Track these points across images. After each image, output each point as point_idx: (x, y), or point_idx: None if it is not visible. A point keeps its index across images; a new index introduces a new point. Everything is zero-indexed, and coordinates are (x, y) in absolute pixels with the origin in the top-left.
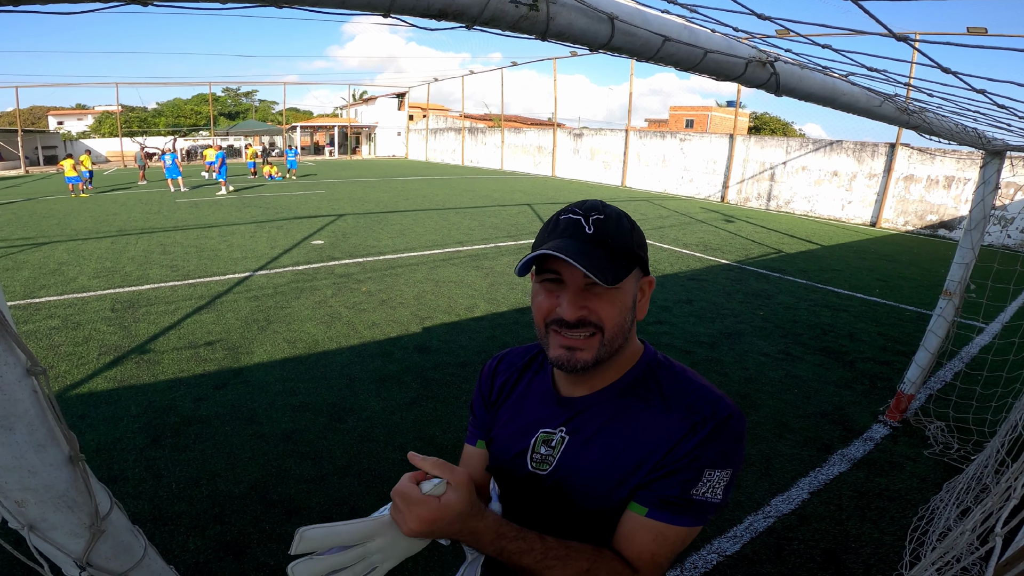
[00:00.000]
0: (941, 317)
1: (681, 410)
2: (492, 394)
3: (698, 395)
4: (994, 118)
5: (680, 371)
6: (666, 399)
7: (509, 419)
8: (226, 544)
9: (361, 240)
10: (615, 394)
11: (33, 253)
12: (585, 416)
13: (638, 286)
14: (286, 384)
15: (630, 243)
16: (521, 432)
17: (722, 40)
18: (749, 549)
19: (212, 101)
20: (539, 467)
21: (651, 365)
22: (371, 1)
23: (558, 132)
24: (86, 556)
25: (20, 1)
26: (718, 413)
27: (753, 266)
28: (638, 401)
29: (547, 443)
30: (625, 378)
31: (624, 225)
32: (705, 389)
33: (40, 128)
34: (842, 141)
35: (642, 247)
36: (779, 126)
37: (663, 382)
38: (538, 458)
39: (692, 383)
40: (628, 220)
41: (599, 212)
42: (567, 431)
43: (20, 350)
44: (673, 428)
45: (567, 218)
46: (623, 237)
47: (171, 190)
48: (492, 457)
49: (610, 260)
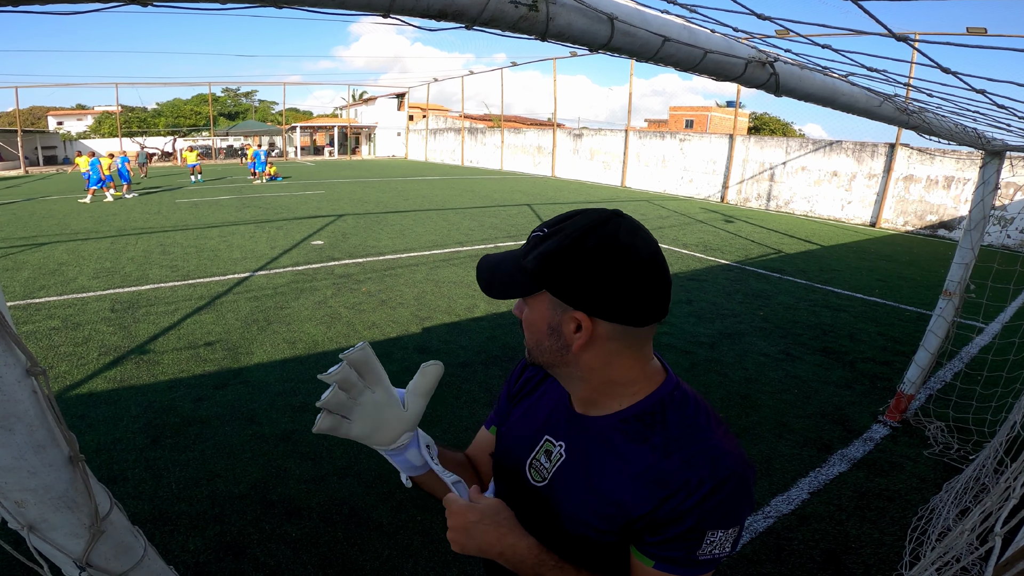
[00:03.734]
0: (941, 317)
1: (679, 461)
2: (515, 386)
3: (701, 447)
4: (994, 118)
5: (693, 414)
6: (668, 443)
7: (522, 416)
8: (226, 544)
9: (361, 240)
10: (617, 424)
11: (33, 253)
12: (585, 439)
13: (560, 315)
14: (286, 384)
15: (537, 266)
16: (529, 434)
17: (722, 40)
18: (749, 549)
19: (212, 101)
20: (534, 476)
21: (663, 401)
22: (371, 1)
23: (558, 132)
24: (86, 556)
25: (20, 1)
26: (717, 473)
27: (753, 266)
28: (638, 438)
29: (547, 454)
30: (631, 409)
31: (549, 246)
32: (711, 441)
33: (40, 128)
34: (841, 141)
35: (565, 274)
36: (779, 126)
37: (671, 423)
38: (536, 466)
39: (700, 432)
40: (560, 244)
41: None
42: (566, 448)
43: (20, 350)
44: (670, 480)
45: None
46: (536, 259)
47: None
48: (497, 449)
49: (511, 277)
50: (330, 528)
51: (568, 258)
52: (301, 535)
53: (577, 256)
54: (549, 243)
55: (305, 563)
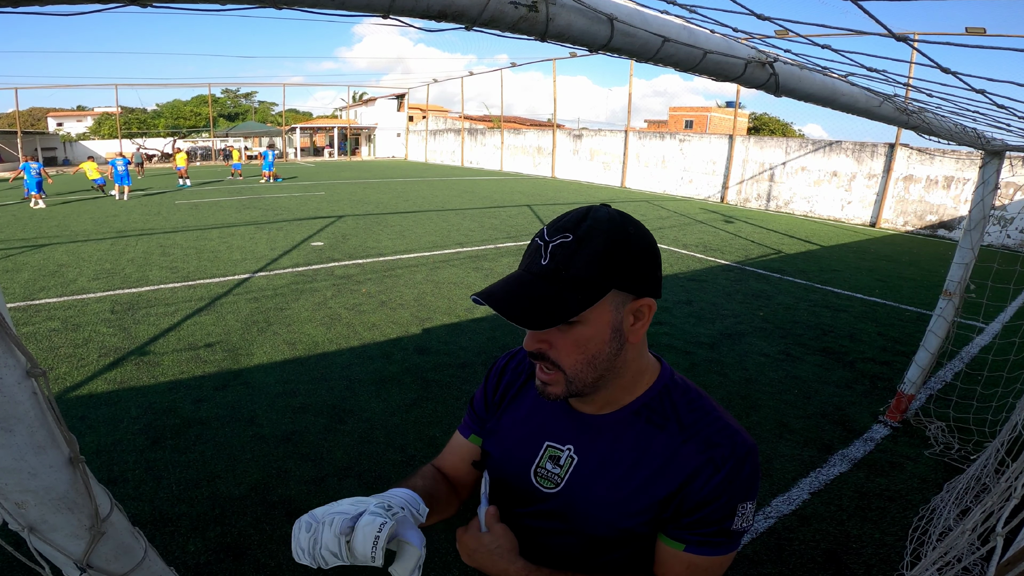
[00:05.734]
0: (941, 317)
1: (699, 442)
2: (496, 394)
3: (716, 427)
4: (993, 118)
5: (696, 396)
6: (684, 428)
7: (513, 423)
8: (226, 546)
9: (361, 241)
10: (629, 417)
11: (33, 255)
12: (597, 438)
13: (624, 310)
14: (286, 386)
15: (597, 271)
16: (526, 440)
17: (721, 41)
18: (750, 549)
19: (211, 103)
20: (543, 483)
21: (668, 387)
22: (371, 2)
23: (558, 133)
24: (86, 558)
25: (20, 1)
26: (737, 450)
27: (753, 267)
28: (653, 427)
29: (554, 460)
30: (640, 400)
31: (596, 247)
32: (723, 421)
33: (40, 130)
34: (841, 141)
35: (627, 267)
36: (778, 126)
37: (680, 409)
38: (543, 473)
39: (710, 414)
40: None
41: (569, 233)
42: (575, 450)
43: (20, 352)
44: (692, 461)
45: (533, 243)
46: (588, 266)
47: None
48: (491, 460)
49: (557, 296)
50: None
51: (626, 250)
52: None
53: (631, 245)
54: (594, 244)
55: (305, 564)
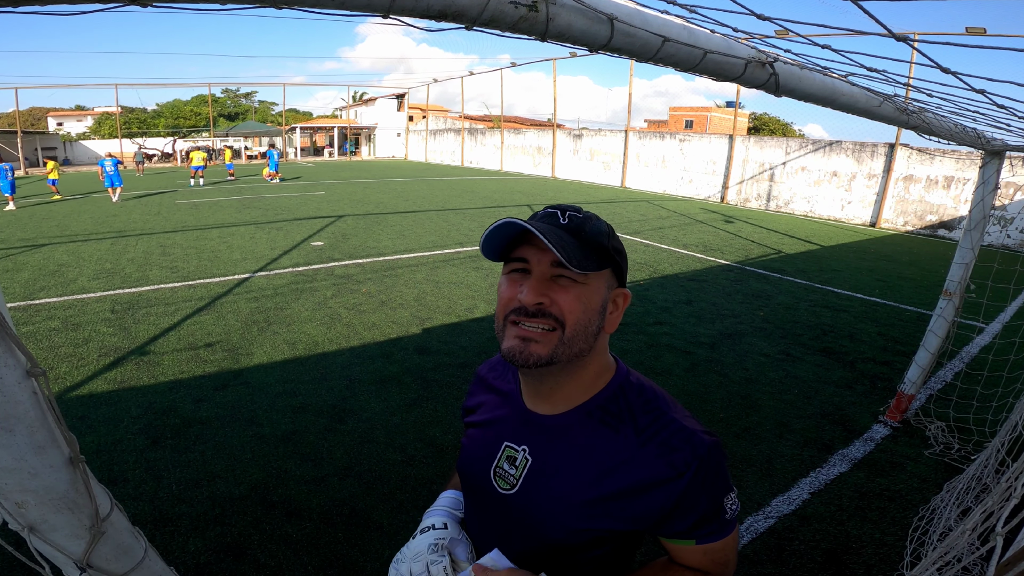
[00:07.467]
0: (941, 317)
1: (656, 446)
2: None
3: (672, 430)
4: (993, 118)
5: (652, 397)
6: (639, 432)
7: (480, 422)
8: (227, 545)
9: (361, 241)
10: (583, 417)
11: (33, 254)
12: (550, 440)
13: (610, 294)
14: (286, 385)
15: (605, 242)
16: (487, 440)
17: (721, 41)
18: (750, 549)
19: (211, 102)
20: (500, 484)
21: (623, 387)
22: (371, 2)
23: (558, 133)
24: (86, 557)
25: (20, 1)
26: (698, 451)
27: (753, 267)
28: (607, 429)
29: (511, 460)
30: (595, 400)
31: (602, 227)
32: (678, 423)
33: (40, 129)
34: (841, 141)
35: (619, 253)
36: (778, 126)
37: (635, 409)
38: (501, 473)
39: (664, 415)
40: (607, 225)
41: (577, 211)
42: (530, 451)
43: (20, 352)
44: (652, 466)
45: (543, 210)
46: (598, 235)
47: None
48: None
49: (580, 248)
50: (331, 529)
51: (618, 239)
52: (301, 536)
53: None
54: (599, 223)
55: (305, 564)
